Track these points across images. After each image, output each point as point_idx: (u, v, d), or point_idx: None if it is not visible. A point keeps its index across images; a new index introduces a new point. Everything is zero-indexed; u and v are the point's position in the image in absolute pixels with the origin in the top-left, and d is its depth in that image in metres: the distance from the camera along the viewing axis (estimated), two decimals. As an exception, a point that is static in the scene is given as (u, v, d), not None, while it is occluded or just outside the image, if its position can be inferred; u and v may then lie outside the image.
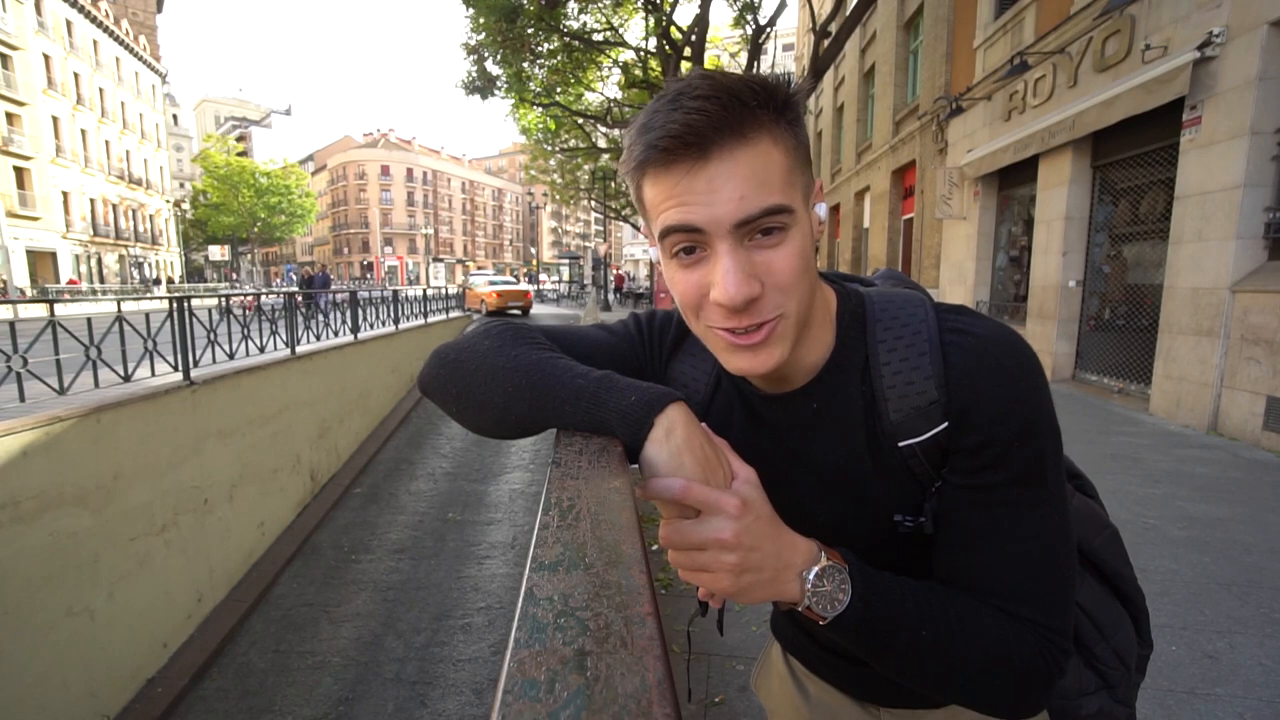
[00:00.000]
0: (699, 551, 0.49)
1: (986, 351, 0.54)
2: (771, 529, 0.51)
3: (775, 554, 0.51)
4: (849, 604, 0.52)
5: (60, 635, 4.02)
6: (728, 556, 0.48)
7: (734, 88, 0.48)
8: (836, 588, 0.52)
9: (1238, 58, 4.79)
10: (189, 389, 5.35)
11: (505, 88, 14.64)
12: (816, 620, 0.53)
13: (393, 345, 11.15)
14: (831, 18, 10.13)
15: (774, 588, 0.51)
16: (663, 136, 0.49)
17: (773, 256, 0.51)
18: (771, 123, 0.50)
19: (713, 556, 0.49)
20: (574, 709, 0.25)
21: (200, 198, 48.59)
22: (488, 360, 0.60)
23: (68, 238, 31.17)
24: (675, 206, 0.50)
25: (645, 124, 0.51)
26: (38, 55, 29.28)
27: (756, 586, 0.50)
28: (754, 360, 0.54)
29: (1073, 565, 0.56)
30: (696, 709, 2.24)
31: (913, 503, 0.59)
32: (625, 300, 28.40)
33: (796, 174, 0.52)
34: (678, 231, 0.51)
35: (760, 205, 0.49)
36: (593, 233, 70.33)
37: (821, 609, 0.52)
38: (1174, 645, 2.36)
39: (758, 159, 0.49)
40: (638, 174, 0.53)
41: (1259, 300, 4.70)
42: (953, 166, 9.81)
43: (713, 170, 0.49)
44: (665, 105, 0.50)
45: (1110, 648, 0.70)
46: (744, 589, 0.50)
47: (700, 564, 0.49)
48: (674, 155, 0.49)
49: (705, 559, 0.49)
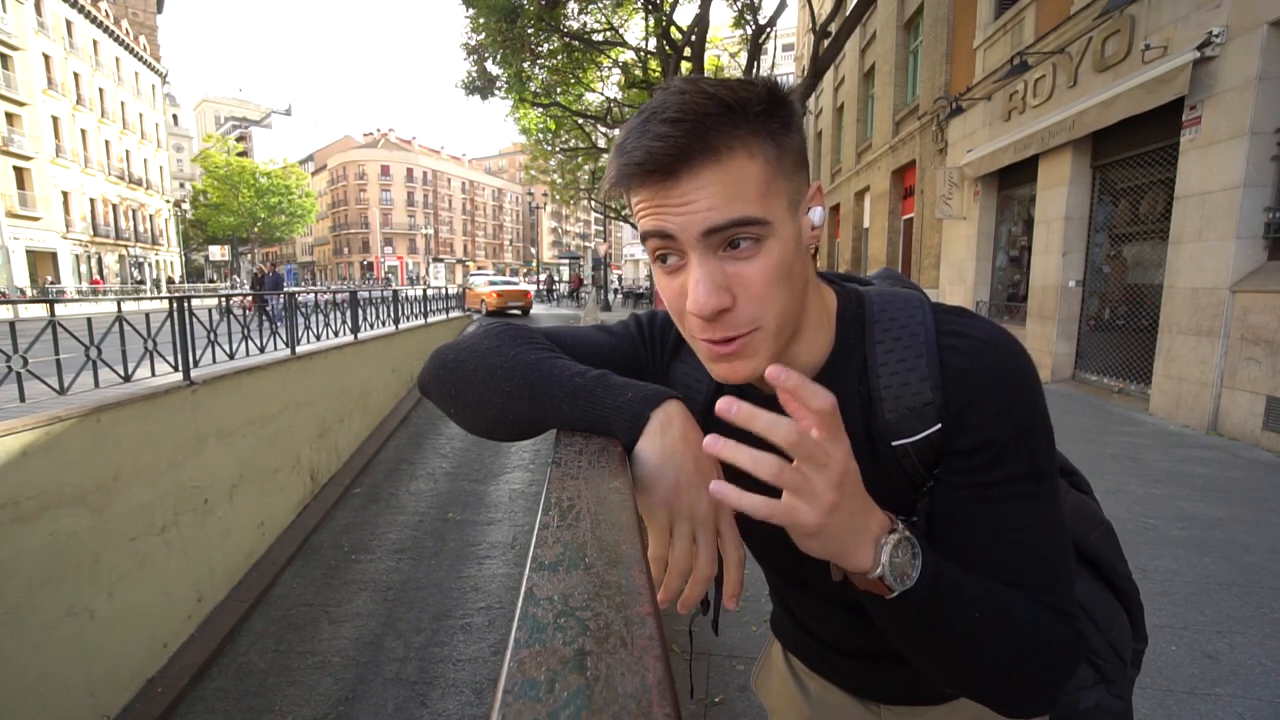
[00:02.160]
0: (813, 466, 0.42)
1: (983, 355, 0.55)
2: (863, 489, 0.47)
3: (864, 510, 0.47)
4: (917, 579, 0.49)
5: (60, 635, 4.01)
6: (830, 491, 0.43)
7: (703, 109, 0.48)
8: (908, 561, 0.49)
9: (1238, 58, 4.79)
10: (189, 389, 5.36)
11: (505, 88, 14.66)
12: (882, 593, 0.50)
13: (393, 345, 11.15)
14: (831, 18, 10.14)
15: (849, 542, 0.47)
16: (629, 163, 0.50)
17: (745, 268, 0.51)
18: (747, 135, 0.49)
19: (821, 483, 0.43)
20: (574, 709, 0.25)
21: (200, 198, 48.52)
22: (486, 360, 0.61)
23: (68, 238, 31.18)
24: (651, 215, 0.51)
25: (621, 144, 0.51)
26: (38, 55, 29.29)
27: (834, 536, 0.46)
28: (731, 370, 0.54)
29: (1070, 553, 0.56)
30: (696, 709, 2.24)
31: (902, 502, 0.59)
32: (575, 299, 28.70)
33: (779, 182, 0.51)
34: (654, 237, 0.52)
35: (728, 217, 0.49)
36: (593, 233, 70.33)
37: (892, 581, 0.49)
38: (1174, 645, 2.36)
39: (728, 174, 0.49)
40: (617, 190, 0.54)
41: (1259, 300, 4.70)
42: (953, 166, 9.81)
43: (684, 188, 0.49)
44: (638, 126, 0.50)
45: (1106, 641, 0.71)
46: (822, 533, 0.45)
47: (802, 483, 0.43)
48: (644, 178, 0.50)
49: (811, 481, 0.43)
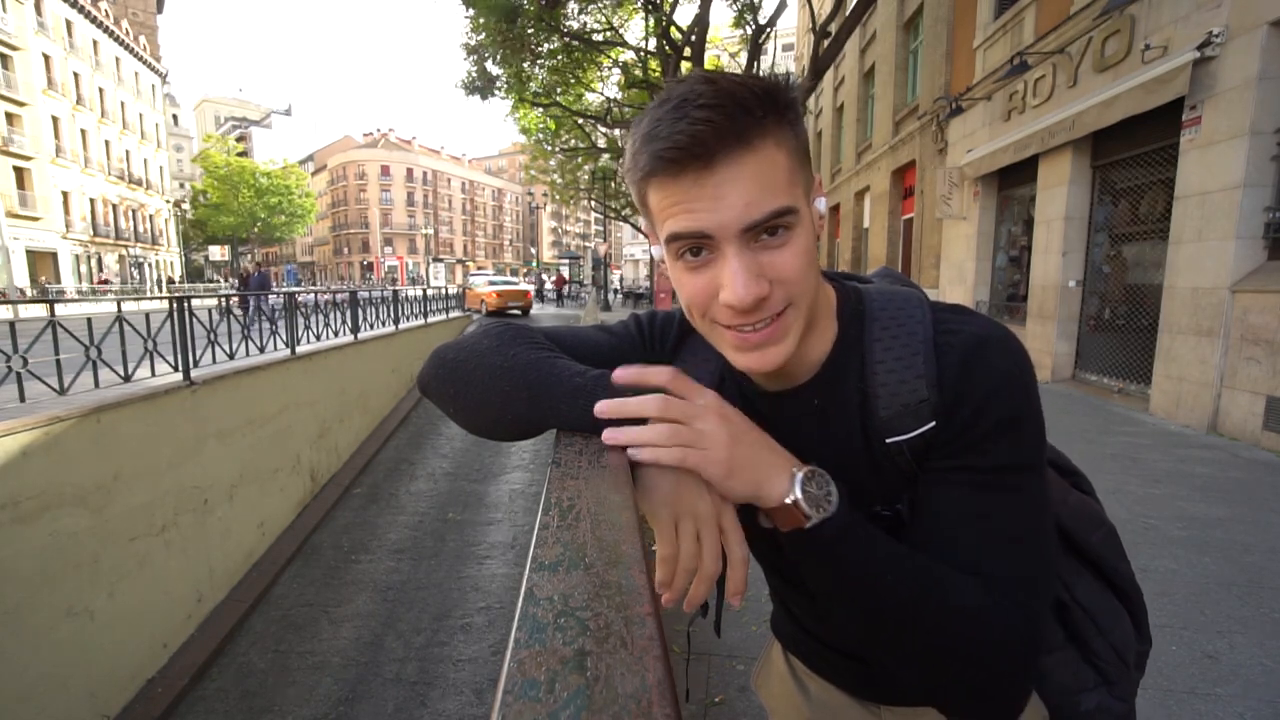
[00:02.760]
0: (690, 424, 0.51)
1: (978, 349, 0.55)
2: (759, 431, 0.55)
3: (765, 445, 0.54)
4: (835, 510, 0.52)
5: (60, 635, 4.01)
6: (721, 428, 0.51)
7: (739, 95, 0.48)
8: (824, 494, 0.52)
9: (1238, 58, 4.79)
10: (189, 389, 5.35)
11: (505, 88, 14.66)
12: (799, 523, 0.52)
13: (393, 345, 11.15)
14: (831, 18, 10.12)
15: (763, 473, 0.52)
16: (669, 148, 0.49)
17: (778, 256, 0.52)
18: (775, 126, 0.50)
19: (709, 427, 0.51)
20: (574, 709, 0.25)
21: (200, 198, 48.48)
22: (486, 360, 0.61)
23: (68, 238, 31.17)
24: (683, 213, 0.51)
25: (650, 132, 0.50)
26: (38, 55, 29.27)
27: (746, 468, 0.51)
28: (762, 358, 0.54)
29: (1051, 551, 0.55)
30: (696, 709, 2.24)
31: (895, 498, 0.59)
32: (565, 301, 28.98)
33: (798, 173, 0.53)
34: (686, 238, 0.52)
35: (766, 209, 0.50)
36: (593, 233, 70.31)
37: (809, 509, 0.51)
38: (1174, 645, 2.36)
39: (762, 164, 0.49)
40: (644, 182, 0.53)
41: (1259, 300, 4.70)
42: (953, 166, 9.81)
43: (719, 178, 0.49)
44: (670, 113, 0.49)
45: (1108, 643, 0.70)
46: (735, 469, 0.51)
47: (690, 437, 0.51)
48: (681, 166, 0.49)
49: (700, 429, 0.51)
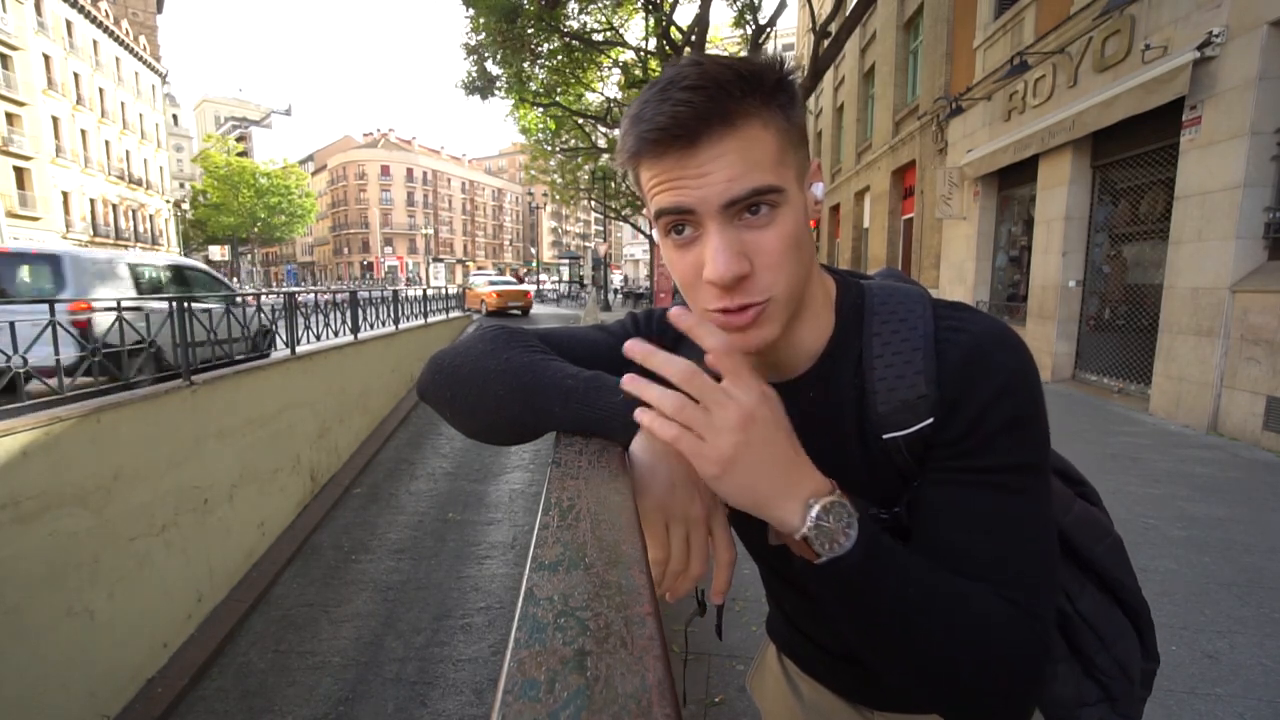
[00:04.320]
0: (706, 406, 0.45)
1: (980, 347, 0.54)
2: (791, 443, 0.48)
3: (787, 464, 0.47)
4: (850, 549, 0.47)
5: (60, 635, 4.01)
6: (737, 426, 0.45)
7: (722, 78, 0.49)
8: (841, 529, 0.47)
9: (1238, 58, 4.79)
10: (189, 389, 5.35)
11: (505, 88, 14.65)
12: (810, 558, 0.48)
13: (393, 345, 11.14)
14: (831, 18, 10.13)
15: (771, 498, 0.47)
16: (651, 129, 0.50)
17: (762, 236, 0.52)
18: (761, 107, 0.51)
19: (724, 418, 0.45)
20: (574, 709, 0.25)
21: (200, 198, 48.46)
22: (481, 364, 0.61)
23: (68, 238, 31.12)
24: (668, 190, 0.52)
25: (637, 114, 0.52)
26: (38, 55, 29.26)
27: (747, 478, 0.46)
28: (744, 340, 0.54)
29: (1054, 555, 0.54)
30: (696, 709, 2.24)
31: (891, 496, 0.58)
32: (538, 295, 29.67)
33: (789, 154, 0.53)
34: (670, 213, 0.53)
35: (748, 186, 0.50)
36: (593, 233, 70.28)
37: (820, 545, 0.47)
38: (1174, 645, 2.36)
39: (746, 143, 0.50)
40: (632, 161, 0.54)
41: (1259, 300, 4.70)
42: (953, 166, 9.81)
43: (702, 157, 0.50)
44: (655, 96, 0.51)
45: (1111, 657, 0.68)
46: (732, 474, 0.46)
47: (698, 420, 0.45)
48: (664, 146, 0.50)
49: (712, 417, 0.45)
